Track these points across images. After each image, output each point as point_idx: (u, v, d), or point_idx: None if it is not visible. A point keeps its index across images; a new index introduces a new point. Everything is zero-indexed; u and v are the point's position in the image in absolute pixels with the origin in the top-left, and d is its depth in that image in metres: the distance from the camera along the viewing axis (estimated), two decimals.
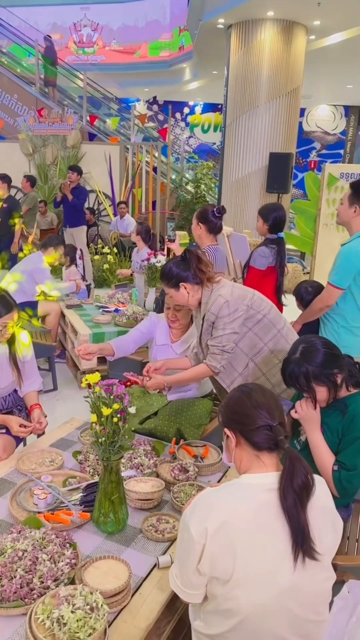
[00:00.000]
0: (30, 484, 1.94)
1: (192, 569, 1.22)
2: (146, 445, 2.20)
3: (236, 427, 1.33)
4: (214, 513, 1.20)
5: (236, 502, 1.22)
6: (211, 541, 1.18)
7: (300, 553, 1.19)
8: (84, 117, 10.19)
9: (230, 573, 1.18)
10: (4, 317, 2.21)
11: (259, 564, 1.18)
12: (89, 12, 14.10)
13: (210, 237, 3.10)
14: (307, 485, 1.22)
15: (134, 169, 9.46)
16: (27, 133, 9.60)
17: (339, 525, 1.30)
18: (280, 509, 1.20)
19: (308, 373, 1.77)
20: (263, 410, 1.29)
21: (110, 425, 1.61)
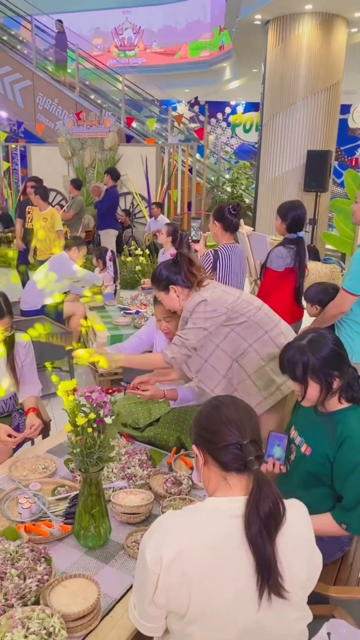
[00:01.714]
0: (17, 492, 1.89)
1: (148, 600, 1.10)
2: (142, 454, 2.10)
3: (204, 444, 1.19)
4: (170, 540, 1.07)
5: (196, 528, 1.09)
6: (166, 572, 1.05)
7: (266, 589, 1.05)
8: (122, 119, 10.23)
9: (186, 608, 1.05)
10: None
11: (217, 600, 1.05)
12: (131, 16, 14.19)
13: (226, 235, 2.98)
14: (274, 513, 1.08)
15: (169, 170, 9.41)
16: (66, 136, 9.73)
17: (317, 558, 1.15)
18: (245, 538, 1.07)
19: (308, 363, 1.63)
20: (232, 427, 1.15)
21: (86, 435, 1.53)
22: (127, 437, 2.29)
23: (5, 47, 11.55)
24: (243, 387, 2.20)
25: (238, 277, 3.01)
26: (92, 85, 12.45)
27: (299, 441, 1.81)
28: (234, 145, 16.11)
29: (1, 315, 2.21)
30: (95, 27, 14.41)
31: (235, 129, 16.42)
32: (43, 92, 10.91)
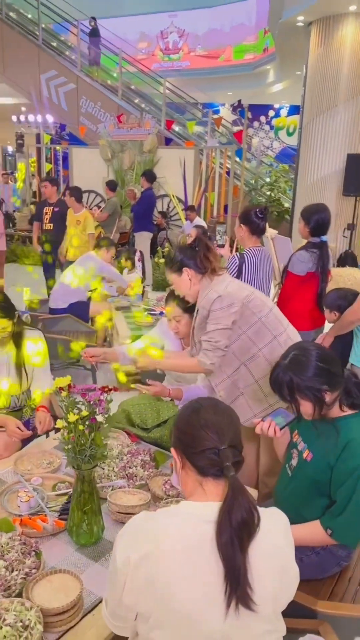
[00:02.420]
0: (18, 485, 1.92)
1: (117, 599, 1.09)
2: (145, 455, 2.09)
3: (181, 447, 1.17)
4: (139, 541, 1.06)
5: (166, 531, 1.07)
6: (133, 573, 1.04)
7: (234, 599, 1.02)
8: (162, 122, 10.29)
9: (150, 611, 1.04)
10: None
11: (182, 606, 1.02)
12: (176, 20, 14.29)
13: (252, 238, 2.95)
14: (247, 522, 1.05)
15: (207, 172, 9.40)
16: (107, 139, 9.87)
17: (292, 570, 1.11)
18: (216, 545, 1.04)
19: (292, 383, 1.59)
20: (211, 431, 1.12)
21: (78, 432, 1.54)
22: (135, 437, 2.29)
23: (52, 52, 11.85)
24: (249, 391, 2.17)
25: (264, 282, 2.98)
26: (136, 89, 12.60)
27: (301, 447, 1.77)
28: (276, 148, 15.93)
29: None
30: (140, 31, 14.59)
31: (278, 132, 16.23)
32: (86, 95, 11.12)
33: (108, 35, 12.43)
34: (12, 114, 12.59)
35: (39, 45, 11.55)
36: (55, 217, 5.95)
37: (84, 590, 1.44)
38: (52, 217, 5.98)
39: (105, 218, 7.67)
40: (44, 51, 11.55)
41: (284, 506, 1.43)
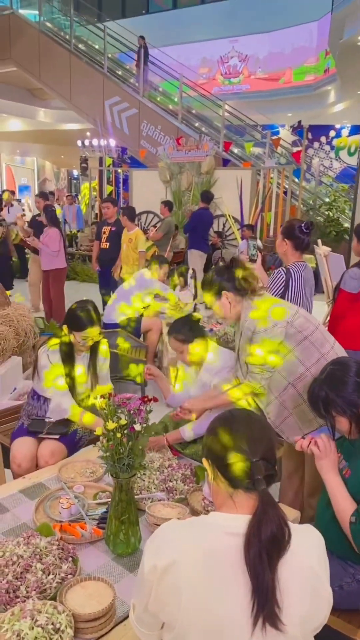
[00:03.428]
0: (61, 492, 1.96)
1: (144, 606, 1.09)
2: (186, 469, 2.09)
3: (212, 458, 1.14)
4: (166, 550, 1.05)
5: (193, 541, 1.06)
6: (158, 582, 1.04)
7: (261, 617, 0.99)
8: (220, 144, 10.42)
9: (175, 621, 1.03)
10: (87, 331, 2.34)
11: (207, 617, 1.01)
12: (237, 44, 14.52)
13: (296, 253, 2.90)
14: (277, 537, 1.02)
15: (264, 192, 9.39)
16: (166, 161, 10.10)
17: (324, 592, 1.06)
18: (244, 559, 1.01)
19: (328, 399, 1.54)
20: (242, 443, 1.10)
21: (116, 440, 1.56)
22: (176, 452, 2.29)
23: (116, 79, 12.36)
24: (298, 412, 2.12)
25: (308, 298, 2.91)
26: (196, 112, 12.85)
27: (342, 465, 1.72)
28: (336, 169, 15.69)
29: (91, 323, 2.34)
30: (202, 57, 14.92)
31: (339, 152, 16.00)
32: (147, 120, 11.46)
33: (170, 62, 12.81)
34: (77, 139, 13.18)
35: (104, 74, 12.07)
36: (111, 236, 6.16)
37: (117, 600, 1.45)
38: (109, 236, 6.19)
39: (160, 237, 7.81)
40: (108, 79, 12.06)
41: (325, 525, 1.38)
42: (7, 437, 2.49)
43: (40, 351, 2.40)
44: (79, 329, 2.33)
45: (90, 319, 2.34)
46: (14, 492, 1.98)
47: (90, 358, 2.46)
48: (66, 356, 2.37)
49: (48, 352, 2.37)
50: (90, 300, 2.43)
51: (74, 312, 2.36)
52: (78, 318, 2.33)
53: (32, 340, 3.70)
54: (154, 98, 12.41)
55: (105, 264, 6.30)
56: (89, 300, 2.44)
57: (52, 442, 2.32)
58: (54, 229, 5.95)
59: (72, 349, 2.39)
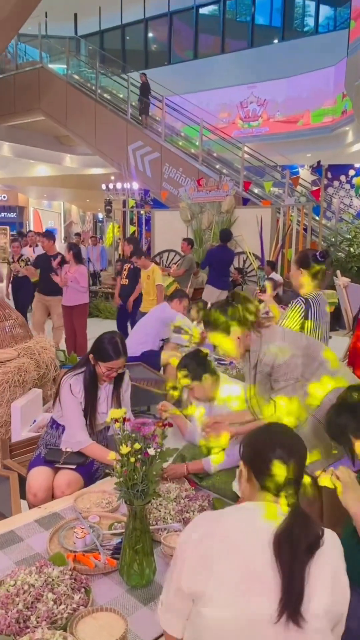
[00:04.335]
0: (76, 522, 1.93)
1: (175, 589, 1.17)
2: (204, 501, 2.04)
3: (249, 463, 1.26)
4: (201, 524, 1.19)
5: (227, 515, 1.20)
6: (192, 551, 1.14)
7: (286, 609, 1.04)
8: (240, 184, 10.63)
9: (204, 588, 1.10)
10: (113, 362, 2.36)
11: (233, 583, 1.08)
12: (256, 90, 15.00)
13: (312, 284, 2.89)
14: (310, 542, 1.10)
15: (284, 229, 9.48)
16: (187, 201, 10.33)
17: (342, 576, 1.12)
18: (273, 550, 1.09)
19: (345, 424, 1.50)
20: (278, 457, 1.20)
21: (130, 466, 1.54)
22: (193, 482, 2.24)
23: (140, 125, 12.85)
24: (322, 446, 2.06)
25: (324, 327, 2.88)
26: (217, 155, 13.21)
27: None
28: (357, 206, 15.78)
29: (118, 355, 2.35)
30: (222, 102, 15.45)
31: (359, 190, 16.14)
32: (169, 163, 11.81)
33: (191, 108, 13.29)
34: (102, 183, 13.64)
35: (128, 120, 12.57)
36: (130, 273, 6.50)
37: (130, 633, 1.40)
38: (128, 273, 6.51)
39: (182, 273, 7.92)
40: (131, 125, 12.54)
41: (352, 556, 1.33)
42: (25, 468, 2.48)
43: (62, 379, 2.42)
44: (105, 360, 2.34)
45: (117, 351, 2.35)
46: (29, 521, 1.95)
47: (113, 388, 2.46)
48: (89, 385, 2.38)
49: (70, 381, 2.39)
50: (118, 332, 2.46)
51: (102, 343, 2.37)
52: (105, 349, 2.34)
53: (52, 373, 3.73)
54: (175, 142, 12.83)
55: (125, 299, 6.61)
56: (116, 331, 2.47)
57: (69, 472, 2.30)
58: (82, 266, 6.13)
59: (95, 378, 2.40)
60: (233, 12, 16.37)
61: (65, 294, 6.21)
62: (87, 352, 2.47)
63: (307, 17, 15.60)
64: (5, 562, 1.72)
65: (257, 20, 15.77)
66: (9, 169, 18.56)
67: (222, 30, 16.02)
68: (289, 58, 14.21)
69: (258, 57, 14.84)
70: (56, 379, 3.82)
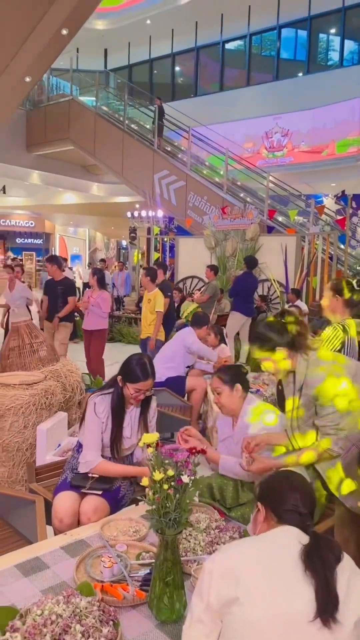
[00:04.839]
0: (103, 550, 1.88)
1: (204, 605, 1.20)
2: (234, 532, 1.96)
3: (269, 504, 1.36)
4: (225, 550, 1.26)
5: (252, 539, 1.31)
6: (219, 565, 1.20)
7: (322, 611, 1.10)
8: (265, 212, 10.69)
9: (233, 595, 1.14)
10: (141, 383, 2.34)
11: (262, 591, 1.13)
12: (280, 121, 15.20)
13: (346, 311, 2.85)
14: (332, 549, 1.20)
15: (309, 257, 9.45)
16: (211, 229, 10.41)
17: None
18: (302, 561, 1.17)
19: None
20: (297, 495, 1.33)
21: (163, 493, 1.49)
22: (222, 513, 2.17)
23: (166, 155, 13.11)
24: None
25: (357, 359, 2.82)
26: (241, 184, 13.35)
27: None
28: None
29: (146, 376, 2.34)
30: (247, 133, 15.68)
31: None
32: (194, 191, 11.96)
33: (217, 138, 13.51)
34: (127, 210, 13.87)
35: (154, 150, 12.83)
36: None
37: None
38: None
39: (206, 300, 7.92)
40: (158, 154, 12.79)
41: None
42: (51, 492, 2.45)
43: (89, 398, 2.41)
44: (133, 381, 2.32)
45: (146, 372, 2.34)
46: (55, 548, 1.91)
47: (140, 412, 2.43)
48: (117, 407, 2.35)
49: (95, 400, 2.37)
50: (146, 354, 2.45)
51: (130, 364, 2.36)
52: (133, 370, 2.33)
53: (78, 397, 3.71)
54: (200, 171, 13.02)
55: None
56: (144, 353, 2.46)
57: (95, 498, 2.25)
58: (105, 292, 6.15)
59: (123, 401, 2.37)
60: (258, 46, 16.76)
61: (85, 319, 6.23)
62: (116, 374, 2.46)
63: (331, 51, 15.86)
64: (31, 590, 1.67)
65: (282, 54, 16.10)
66: (37, 196, 19.05)
67: (247, 64, 16.38)
68: (314, 90, 14.41)
69: (283, 89, 15.08)
70: (81, 403, 3.80)
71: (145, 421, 2.46)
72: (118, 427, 2.36)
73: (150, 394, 2.41)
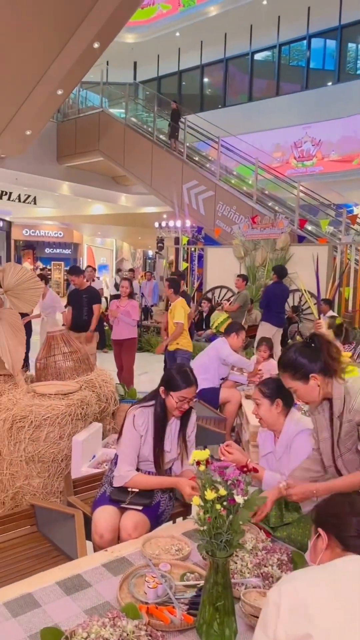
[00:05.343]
0: (146, 570, 1.81)
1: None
2: (282, 554, 1.87)
3: (331, 530, 1.30)
4: (292, 579, 1.18)
5: (319, 570, 1.19)
6: (288, 598, 1.11)
7: None
8: (295, 221, 10.57)
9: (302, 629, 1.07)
10: (185, 391, 2.29)
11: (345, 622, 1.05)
12: (310, 130, 15.09)
13: None
14: None
15: (342, 267, 9.28)
16: (241, 239, 10.33)
17: None
18: None
19: None
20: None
21: (215, 513, 1.42)
22: (267, 533, 2.08)
23: (194, 164, 13.13)
24: None
25: None
26: (269, 194, 13.26)
27: None
28: None
29: (189, 383, 2.31)
30: (276, 142, 15.61)
31: None
32: (223, 201, 11.93)
33: (245, 148, 13.48)
34: (154, 221, 13.92)
35: (183, 160, 12.87)
36: None
37: None
38: None
39: (236, 309, 7.84)
40: (187, 164, 12.83)
41: None
42: (88, 506, 2.40)
43: (129, 410, 2.36)
44: (176, 389, 2.28)
45: (188, 379, 2.31)
46: (96, 565, 1.85)
47: (180, 425, 2.37)
48: (160, 419, 2.30)
49: (135, 412, 2.32)
50: (187, 364, 2.41)
51: (172, 373, 2.34)
52: (175, 378, 2.30)
53: (112, 407, 3.67)
54: (228, 181, 12.99)
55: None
56: (185, 363, 2.41)
57: (136, 513, 2.19)
58: (134, 300, 6.13)
59: (166, 413, 2.33)
60: (287, 57, 16.72)
61: (114, 328, 6.19)
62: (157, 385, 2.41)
63: None
64: (73, 609, 1.62)
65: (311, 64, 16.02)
66: (66, 207, 19.31)
67: (277, 74, 16.34)
68: (343, 99, 14.26)
69: (313, 99, 14.98)
70: (115, 413, 3.76)
71: (184, 437, 2.41)
72: (160, 440, 2.30)
73: (193, 404, 2.36)
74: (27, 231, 23.68)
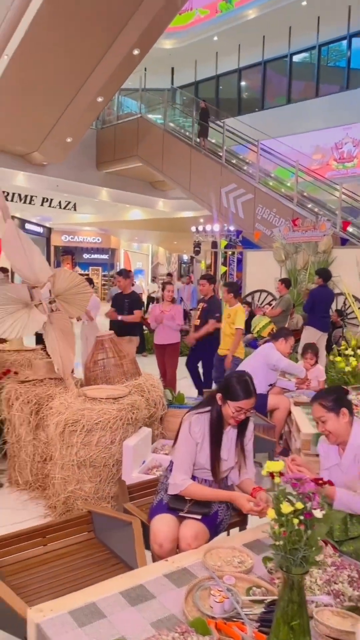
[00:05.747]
0: (210, 582, 1.76)
1: None
2: (352, 570, 1.79)
3: None
4: None
5: None
6: None
7: None
8: (338, 224, 10.35)
9: None
10: (243, 402, 2.23)
11: None
12: (351, 131, 14.78)
13: None
14: None
15: None
16: (281, 242, 10.18)
17: None
18: None
19: None
20: None
21: (291, 527, 1.35)
22: (334, 547, 1.99)
23: (233, 168, 13.06)
24: None
25: None
26: (308, 195, 13.05)
27: None
28: None
29: (248, 395, 2.24)
30: (315, 144, 15.37)
31: None
32: (263, 204, 11.80)
33: (284, 150, 13.32)
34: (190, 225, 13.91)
35: (222, 164, 12.82)
36: (203, 313, 6.05)
37: None
38: (201, 313, 6.09)
39: (278, 313, 7.72)
40: (225, 168, 12.77)
41: None
42: (144, 512, 2.36)
43: (185, 416, 2.32)
44: (235, 399, 2.21)
45: (248, 390, 2.24)
46: (158, 575, 1.81)
47: (238, 433, 2.31)
48: (216, 426, 2.25)
49: (191, 419, 2.27)
50: (247, 372, 2.34)
51: (231, 381, 2.27)
52: (235, 387, 2.23)
53: (160, 412, 3.64)
54: (267, 184, 12.86)
55: (197, 339, 6.11)
56: (246, 372, 2.35)
57: (195, 523, 2.14)
58: (179, 306, 6.12)
59: (222, 420, 2.27)
60: (326, 58, 16.45)
61: (157, 333, 6.16)
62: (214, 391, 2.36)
63: None
64: (140, 622, 1.57)
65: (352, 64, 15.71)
66: (105, 213, 19.53)
67: (316, 75, 16.10)
68: None
69: (354, 99, 14.67)
70: (163, 418, 3.73)
71: (241, 446, 2.35)
72: (216, 448, 2.24)
73: (250, 414, 2.29)
74: (66, 237, 24.09)
